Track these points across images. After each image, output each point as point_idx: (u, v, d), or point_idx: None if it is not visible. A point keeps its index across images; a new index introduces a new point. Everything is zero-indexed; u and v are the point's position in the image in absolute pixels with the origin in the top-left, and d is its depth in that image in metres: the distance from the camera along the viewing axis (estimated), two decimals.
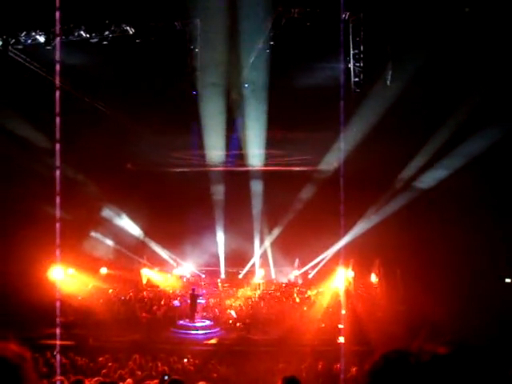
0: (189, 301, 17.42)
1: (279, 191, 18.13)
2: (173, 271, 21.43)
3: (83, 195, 16.30)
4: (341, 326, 13.94)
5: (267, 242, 20.59)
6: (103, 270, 19.64)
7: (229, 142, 18.55)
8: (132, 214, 19.59)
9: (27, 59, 13.75)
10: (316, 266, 20.28)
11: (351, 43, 13.37)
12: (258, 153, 18.90)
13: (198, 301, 17.46)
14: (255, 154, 19.03)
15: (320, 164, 18.54)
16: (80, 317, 15.67)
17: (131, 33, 13.02)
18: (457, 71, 12.80)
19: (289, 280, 21.01)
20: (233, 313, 17.30)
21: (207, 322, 17.00)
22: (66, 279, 16.42)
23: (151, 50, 13.31)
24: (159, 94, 15.32)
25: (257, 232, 20.55)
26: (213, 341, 15.47)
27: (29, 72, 14.02)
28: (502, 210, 14.72)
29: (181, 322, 16.92)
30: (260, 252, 20.82)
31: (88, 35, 12.91)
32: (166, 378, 8.26)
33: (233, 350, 13.51)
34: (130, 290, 19.33)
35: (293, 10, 12.44)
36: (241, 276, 21.38)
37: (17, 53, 13.43)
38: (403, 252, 15.80)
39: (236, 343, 14.65)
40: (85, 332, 14.42)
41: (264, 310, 17.61)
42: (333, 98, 10.54)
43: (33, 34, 12.87)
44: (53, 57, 10.64)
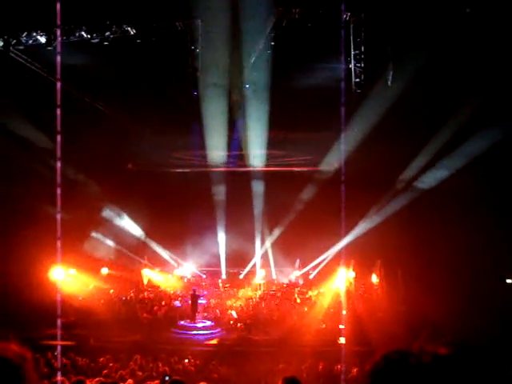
0: (190, 301, 17.41)
1: (280, 192, 18.14)
2: (174, 272, 21.39)
3: (84, 195, 16.31)
4: (342, 326, 13.89)
5: (268, 242, 20.57)
6: (104, 271, 19.61)
7: (230, 143, 18.53)
8: (133, 214, 19.56)
9: (28, 60, 13.77)
10: (317, 267, 20.24)
11: (352, 44, 13.36)
12: (259, 153, 18.90)
13: (198, 301, 17.48)
14: (256, 155, 19.04)
15: (321, 164, 18.55)
16: (81, 317, 15.65)
17: (132, 33, 13.02)
18: (458, 71, 12.79)
19: (290, 280, 20.95)
20: (233, 313, 17.27)
21: (208, 323, 16.98)
22: (67, 279, 16.41)
23: (152, 50, 13.30)
24: (160, 94, 15.33)
25: (258, 232, 20.55)
26: (213, 341, 15.47)
27: (30, 72, 14.04)
28: (503, 210, 14.71)
29: (182, 322, 16.91)
30: (261, 252, 20.80)
31: (89, 36, 12.91)
32: (167, 378, 8.29)
33: (233, 351, 13.50)
34: (131, 290, 19.31)
35: (294, 10, 12.44)
36: (242, 276, 21.33)
37: (18, 53, 13.44)
38: (404, 252, 15.80)
39: (237, 344, 14.64)
40: (86, 332, 14.42)
41: (265, 311, 17.57)
42: (334, 99, 10.53)
43: (34, 34, 12.88)
44: (54, 57, 10.66)
